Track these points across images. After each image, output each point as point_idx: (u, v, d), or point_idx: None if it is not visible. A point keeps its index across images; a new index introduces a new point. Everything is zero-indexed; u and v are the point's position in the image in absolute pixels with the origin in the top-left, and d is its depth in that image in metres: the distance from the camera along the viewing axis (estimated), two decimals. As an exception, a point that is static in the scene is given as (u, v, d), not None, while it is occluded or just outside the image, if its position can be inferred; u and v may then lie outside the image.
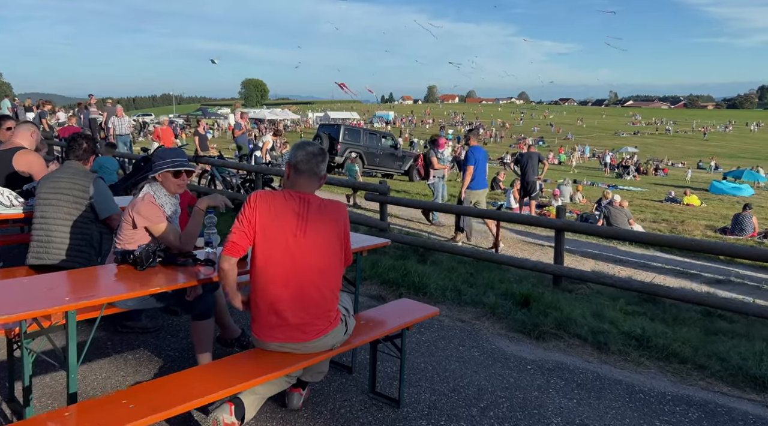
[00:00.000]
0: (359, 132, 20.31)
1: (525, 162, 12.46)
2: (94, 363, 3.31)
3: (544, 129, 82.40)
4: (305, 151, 2.54)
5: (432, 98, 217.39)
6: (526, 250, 8.82)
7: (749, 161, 46.94)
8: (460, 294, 4.86)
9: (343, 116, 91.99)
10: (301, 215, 2.45)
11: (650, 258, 8.73)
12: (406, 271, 5.23)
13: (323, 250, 2.47)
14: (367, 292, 4.94)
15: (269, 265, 2.44)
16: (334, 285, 2.55)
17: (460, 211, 7.17)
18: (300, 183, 2.53)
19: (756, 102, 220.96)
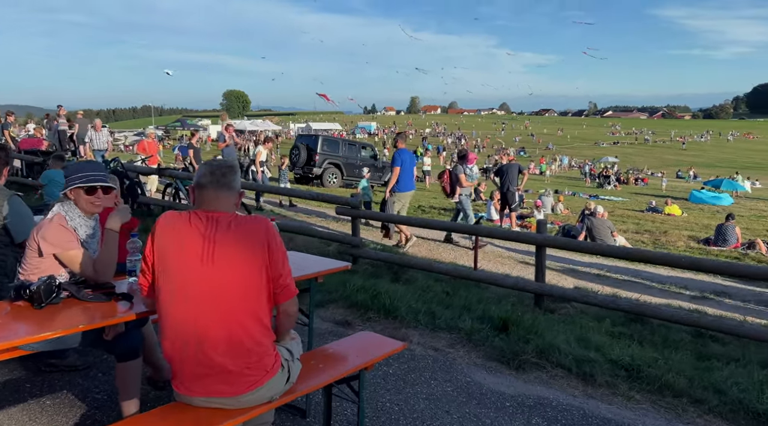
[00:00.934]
0: (338, 142, 19.95)
1: (504, 173, 12.19)
2: (4, 411, 2.84)
3: (526, 139, 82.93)
4: (207, 165, 2.15)
5: (414, 109, 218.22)
6: (507, 265, 8.48)
7: (727, 170, 47.48)
8: (434, 317, 4.47)
9: (325, 127, 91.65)
10: (208, 236, 2.01)
11: (634, 272, 8.43)
12: (377, 292, 4.83)
13: (241, 277, 2.02)
14: (332, 316, 4.52)
15: (175, 303, 2.01)
16: (264, 321, 2.09)
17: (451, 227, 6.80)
18: (206, 200, 2.09)
19: (731, 112, 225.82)
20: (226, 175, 2.12)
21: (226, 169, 2.14)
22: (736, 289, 7.58)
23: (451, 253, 9.11)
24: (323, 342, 3.53)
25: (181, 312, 2.00)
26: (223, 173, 2.12)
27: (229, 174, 2.13)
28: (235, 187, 2.14)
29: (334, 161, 19.07)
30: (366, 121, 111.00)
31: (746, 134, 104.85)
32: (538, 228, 5.16)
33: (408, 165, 8.31)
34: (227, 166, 2.17)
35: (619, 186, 33.94)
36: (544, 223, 5.15)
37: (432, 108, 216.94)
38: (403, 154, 8.35)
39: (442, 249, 9.30)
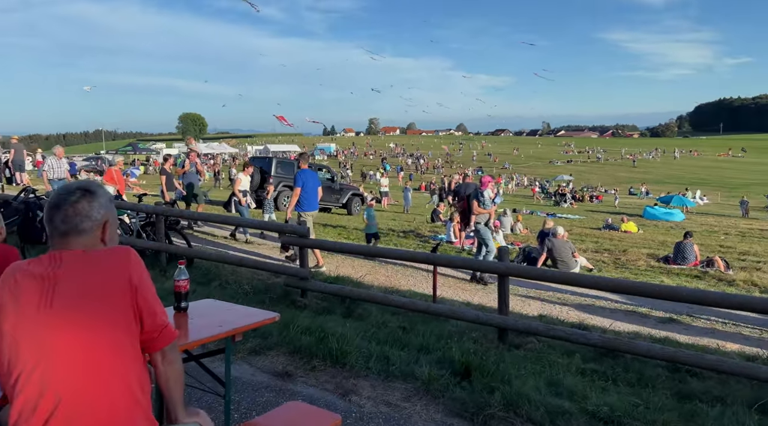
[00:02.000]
0: (293, 165, 19.31)
1: (463, 193, 11.89)
2: None
3: (483, 159, 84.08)
4: (50, 199, 1.63)
5: (373, 130, 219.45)
6: (468, 290, 8.05)
7: (676, 186, 49.07)
8: (389, 362, 3.95)
9: (283, 149, 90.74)
10: (47, 277, 1.51)
11: (597, 295, 8.14)
12: (324, 334, 4.28)
13: (95, 323, 1.50)
14: (271, 366, 3.94)
15: (13, 366, 1.47)
16: (137, 388, 1.54)
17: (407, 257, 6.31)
18: (55, 241, 1.59)
19: (676, 130, 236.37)
20: (76, 203, 1.59)
21: (76, 195, 1.60)
22: (701, 308, 7.36)
23: (411, 279, 8.64)
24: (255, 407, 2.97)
25: (21, 381, 1.45)
26: (73, 201, 1.59)
27: (79, 203, 1.60)
28: (90, 218, 1.61)
29: (289, 183, 18.42)
30: (325, 143, 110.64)
31: (692, 151, 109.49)
32: (500, 256, 4.74)
33: (310, 185, 8.47)
34: (81, 190, 1.61)
35: (575, 204, 34.43)
36: (506, 251, 4.73)
37: (391, 129, 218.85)
38: (305, 174, 8.52)
39: (401, 275, 8.83)
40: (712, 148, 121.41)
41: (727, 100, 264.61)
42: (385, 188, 30.29)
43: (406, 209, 24.45)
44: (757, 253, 13.90)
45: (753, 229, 21.73)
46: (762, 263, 11.57)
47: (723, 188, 51.60)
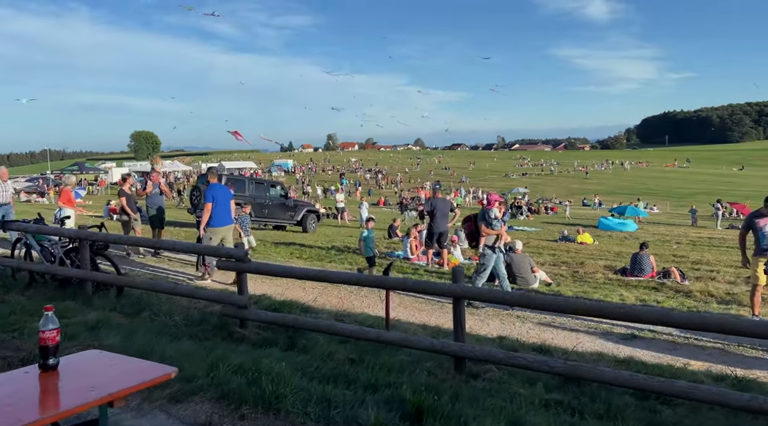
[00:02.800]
0: (244, 181, 18.66)
1: (433, 209, 11.59)
2: None
3: (440, 173, 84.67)
4: None
5: (332, 146, 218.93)
6: (425, 311, 7.64)
7: (627, 197, 50.43)
8: (330, 405, 3.46)
9: (239, 166, 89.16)
10: None
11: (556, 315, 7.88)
12: (257, 374, 3.76)
13: None
14: (194, 415, 3.39)
15: None
16: None
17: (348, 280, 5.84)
18: None
19: (625, 143, 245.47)
20: None
21: None
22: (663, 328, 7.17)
23: (365, 300, 8.18)
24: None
25: None
26: None
27: None
28: None
29: (240, 201, 17.74)
30: (283, 159, 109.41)
31: (641, 163, 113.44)
32: (455, 276, 4.35)
33: (221, 199, 8.30)
34: None
35: (531, 216, 34.77)
36: (461, 272, 4.34)
37: (350, 144, 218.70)
38: (215, 189, 8.38)
39: (355, 296, 8.36)
40: (659, 159, 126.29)
41: (671, 113, 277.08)
42: (341, 204, 29.82)
43: (362, 224, 23.99)
44: (709, 262, 14.07)
45: (702, 238, 22.27)
46: (715, 272, 11.65)
47: (671, 198, 53.36)
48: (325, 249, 13.78)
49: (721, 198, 34.66)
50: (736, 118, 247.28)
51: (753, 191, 57.13)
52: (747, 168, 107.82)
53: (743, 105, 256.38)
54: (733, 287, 9.67)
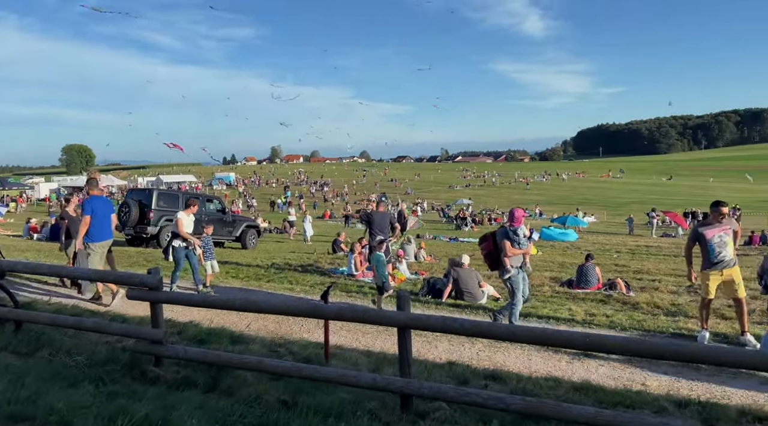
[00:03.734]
0: (177, 196, 17.64)
1: (370, 222, 11.07)
2: None
3: (386, 185, 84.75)
4: None
5: (276, 158, 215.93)
6: (369, 334, 7.12)
7: (566, 207, 51.87)
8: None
9: (178, 180, 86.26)
10: None
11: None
12: (164, 431, 3.12)
13: None
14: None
15: None
16: None
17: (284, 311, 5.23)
18: None
19: (562, 154, 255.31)
20: None
21: None
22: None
23: (305, 324, 7.56)
24: None
25: None
26: None
27: None
28: None
29: (172, 217, 16.70)
30: (225, 172, 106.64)
31: (578, 174, 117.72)
32: (400, 303, 3.85)
33: (101, 212, 7.91)
34: None
35: (476, 227, 34.99)
36: (406, 298, 3.85)
37: (294, 157, 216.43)
38: (94, 201, 7.98)
39: (293, 320, 7.72)
40: (594, 169, 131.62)
41: (604, 125, 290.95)
42: (293, 217, 28.79)
43: (305, 239, 23.27)
44: (650, 271, 14.25)
45: (640, 246, 22.87)
46: (657, 282, 11.71)
47: (608, 207, 55.31)
48: (264, 267, 13.02)
49: (655, 207, 36.06)
50: (663, 130, 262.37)
51: (682, 200, 60.18)
52: (675, 178, 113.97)
53: (669, 118, 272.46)
54: (677, 298, 9.67)
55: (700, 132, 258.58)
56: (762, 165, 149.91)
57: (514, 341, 3.64)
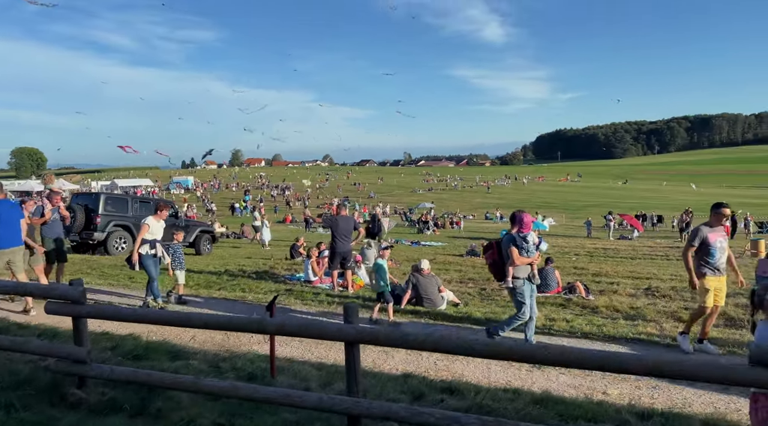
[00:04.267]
0: (126, 201, 16.83)
1: (334, 227, 10.75)
2: None
3: (349, 188, 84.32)
4: None
5: (237, 162, 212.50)
6: (323, 345, 6.76)
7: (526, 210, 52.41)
8: None
9: (134, 184, 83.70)
10: None
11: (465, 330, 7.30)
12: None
13: None
14: None
15: None
16: None
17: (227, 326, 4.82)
18: None
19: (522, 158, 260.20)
20: None
21: None
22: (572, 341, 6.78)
23: (255, 335, 7.13)
24: None
25: None
26: None
27: None
28: None
29: (121, 223, 15.94)
30: (183, 176, 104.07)
31: (538, 177, 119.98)
32: (347, 315, 3.53)
33: (5, 217, 7.37)
34: None
35: (438, 230, 34.95)
36: (354, 310, 3.53)
37: (256, 160, 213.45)
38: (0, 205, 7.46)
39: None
40: (553, 173, 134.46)
41: (562, 130, 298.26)
42: (258, 222, 27.90)
43: (263, 244, 22.67)
44: (608, 274, 14.35)
45: (598, 248, 23.19)
46: (615, 285, 11.74)
47: (566, 210, 56.36)
48: (217, 274, 12.47)
49: (612, 210, 36.81)
50: (619, 135, 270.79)
51: (636, 203, 61.90)
52: (630, 181, 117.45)
53: (624, 124, 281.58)
54: (636, 301, 9.66)
55: (654, 137, 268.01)
56: (710, 169, 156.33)
57: (471, 355, 3.36)
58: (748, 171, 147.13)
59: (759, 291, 3.17)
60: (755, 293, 3.20)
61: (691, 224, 27.78)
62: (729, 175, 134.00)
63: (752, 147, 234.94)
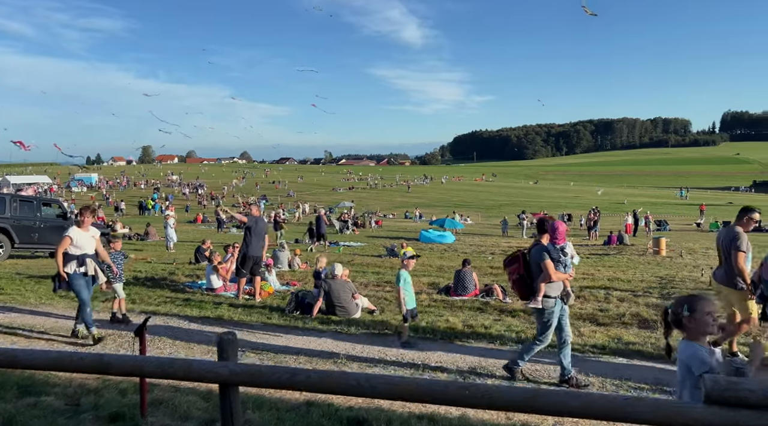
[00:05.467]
0: (4, 199, 14.88)
1: (252, 227, 9.89)
2: None
3: (267, 187, 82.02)
4: None
5: (147, 159, 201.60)
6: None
7: (444, 209, 53.32)
8: None
9: (29, 181, 76.97)
10: None
11: (385, 346, 6.72)
12: None
13: None
14: None
15: None
16: None
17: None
18: None
19: (440, 159, 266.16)
20: None
21: None
22: (494, 363, 6.39)
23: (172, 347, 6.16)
24: None
25: None
26: None
27: None
28: None
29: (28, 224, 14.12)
30: (85, 173, 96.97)
31: (457, 177, 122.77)
32: (222, 350, 2.80)
33: None
34: None
35: (357, 230, 34.40)
36: (230, 343, 2.80)
37: (168, 157, 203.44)
38: None
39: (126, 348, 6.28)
40: (469, 173, 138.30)
41: (478, 132, 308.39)
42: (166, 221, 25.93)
43: (167, 246, 21.07)
44: (524, 273, 14.36)
45: (513, 247, 23.46)
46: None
47: (482, 209, 57.73)
48: (105, 282, 11.10)
49: (525, 209, 37.90)
50: (530, 137, 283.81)
51: (547, 202, 64.66)
52: (540, 181, 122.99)
53: (535, 126, 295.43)
54: (552, 302, 9.50)
55: (562, 139, 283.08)
56: (613, 170, 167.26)
57: (372, 397, 2.74)
58: (646, 172, 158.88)
59: (674, 308, 2.75)
60: (669, 311, 2.79)
61: (599, 223, 29.01)
62: (629, 176, 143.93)
63: (649, 149, 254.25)
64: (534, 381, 5.65)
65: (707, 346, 2.70)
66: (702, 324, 2.65)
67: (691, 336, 2.68)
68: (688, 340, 2.68)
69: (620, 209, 50.21)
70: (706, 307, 2.68)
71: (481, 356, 6.40)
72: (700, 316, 2.65)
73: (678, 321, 2.71)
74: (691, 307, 2.68)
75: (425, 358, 6.38)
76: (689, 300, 2.72)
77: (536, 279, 5.51)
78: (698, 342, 2.66)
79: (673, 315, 2.74)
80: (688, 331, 2.69)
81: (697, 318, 2.65)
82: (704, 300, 2.72)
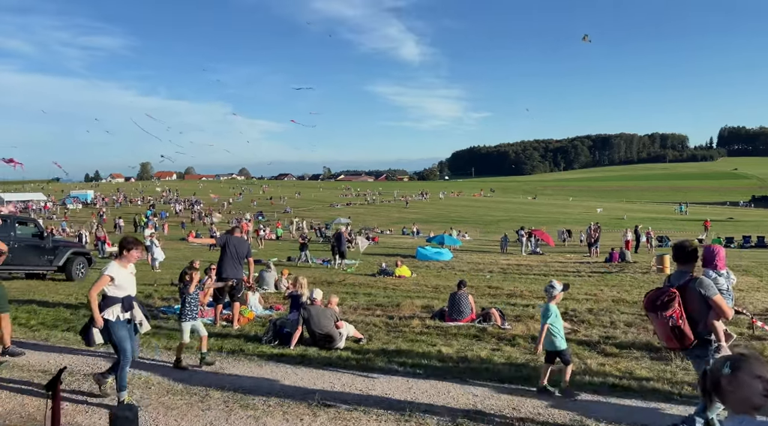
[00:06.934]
0: (7, 222, 14.20)
1: (224, 247, 9.28)
2: None
3: (264, 203, 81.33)
4: None
5: (146, 175, 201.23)
6: (176, 409, 5.17)
7: (442, 224, 52.60)
8: None
9: (25, 198, 76.38)
10: None
11: (359, 397, 5.97)
12: None
13: None
14: None
15: None
16: None
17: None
18: None
19: (438, 174, 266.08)
20: None
21: None
22: (493, 405, 5.63)
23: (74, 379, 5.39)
24: None
25: None
26: None
27: None
28: None
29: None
30: (82, 190, 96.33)
31: (456, 193, 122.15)
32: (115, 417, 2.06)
33: None
34: None
35: (353, 247, 33.59)
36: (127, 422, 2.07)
37: (166, 174, 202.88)
38: None
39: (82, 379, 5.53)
40: (467, 189, 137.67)
41: (476, 147, 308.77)
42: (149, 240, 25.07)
43: (153, 266, 20.28)
44: (523, 294, 13.63)
45: (511, 265, 22.77)
46: (531, 308, 10.91)
47: (480, 225, 56.99)
48: (73, 307, 10.37)
49: (524, 225, 37.17)
50: (528, 153, 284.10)
51: (546, 218, 63.96)
52: (539, 197, 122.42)
53: (533, 142, 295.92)
54: (554, 328, 8.75)
55: (559, 155, 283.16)
56: (611, 185, 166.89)
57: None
58: (644, 187, 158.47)
59: (712, 369, 2.04)
60: (708, 373, 2.07)
61: (600, 239, 28.29)
62: (628, 191, 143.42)
63: (647, 165, 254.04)
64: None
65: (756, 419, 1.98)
66: (746, 388, 1.94)
67: (735, 407, 1.97)
68: (734, 415, 1.97)
69: (620, 225, 49.45)
70: (756, 368, 1.97)
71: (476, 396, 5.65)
72: (746, 378, 1.94)
73: (716, 383, 2.00)
74: (734, 365, 1.97)
75: (414, 397, 5.63)
76: (733, 358, 2.02)
77: (699, 320, 4.30)
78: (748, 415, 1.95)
79: (711, 378, 2.03)
80: (728, 400, 1.98)
81: (740, 379, 1.94)
82: (754, 360, 2.01)
